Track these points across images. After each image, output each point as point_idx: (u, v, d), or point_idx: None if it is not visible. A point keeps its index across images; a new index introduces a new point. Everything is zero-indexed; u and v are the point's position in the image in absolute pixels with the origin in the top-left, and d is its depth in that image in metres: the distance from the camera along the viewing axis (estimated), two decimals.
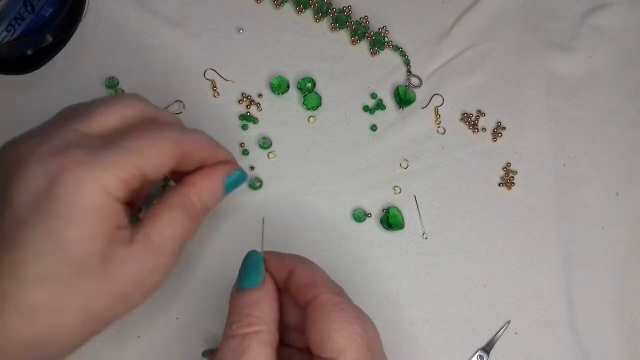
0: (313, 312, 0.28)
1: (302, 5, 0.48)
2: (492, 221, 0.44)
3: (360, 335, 0.28)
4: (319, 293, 0.29)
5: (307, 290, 0.29)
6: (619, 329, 0.43)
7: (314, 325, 0.28)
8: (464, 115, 0.47)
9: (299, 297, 0.30)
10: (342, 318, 0.28)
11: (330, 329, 0.28)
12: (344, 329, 0.28)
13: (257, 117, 0.45)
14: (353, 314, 0.29)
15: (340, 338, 0.27)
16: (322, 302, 0.29)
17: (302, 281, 0.30)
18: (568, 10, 0.51)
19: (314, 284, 0.30)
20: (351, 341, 0.27)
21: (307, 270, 0.31)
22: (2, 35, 0.42)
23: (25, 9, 0.42)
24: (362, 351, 0.27)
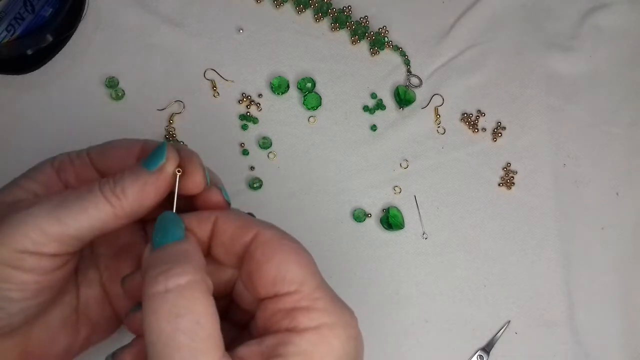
0: (258, 251, 0.26)
1: (302, 5, 0.48)
2: (492, 221, 0.44)
3: (314, 264, 0.27)
4: (258, 231, 0.27)
5: (241, 233, 0.27)
6: (619, 329, 0.43)
7: (263, 263, 0.26)
8: (464, 115, 0.47)
9: (232, 246, 0.27)
10: (292, 249, 0.26)
11: (285, 261, 0.26)
12: (299, 260, 0.26)
13: (257, 117, 0.45)
14: (299, 245, 0.27)
15: (298, 269, 0.26)
16: (266, 238, 0.26)
17: (232, 228, 0.27)
18: (568, 10, 0.51)
19: (247, 226, 0.27)
20: (309, 270, 0.26)
21: (232, 215, 0.28)
22: (2, 35, 0.42)
23: (25, 9, 0.42)
24: (320, 278, 0.27)
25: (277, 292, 0.25)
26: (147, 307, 0.23)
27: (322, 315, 0.25)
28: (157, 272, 0.24)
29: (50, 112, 0.43)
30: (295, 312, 0.25)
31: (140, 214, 0.27)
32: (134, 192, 0.26)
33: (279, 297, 0.25)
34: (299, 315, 0.25)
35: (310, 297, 0.25)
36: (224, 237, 0.27)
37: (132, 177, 0.27)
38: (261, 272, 0.26)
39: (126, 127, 0.43)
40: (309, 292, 0.25)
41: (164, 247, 0.25)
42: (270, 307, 0.26)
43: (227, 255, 0.28)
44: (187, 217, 0.27)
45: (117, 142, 0.31)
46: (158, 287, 0.23)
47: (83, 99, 0.44)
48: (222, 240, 0.27)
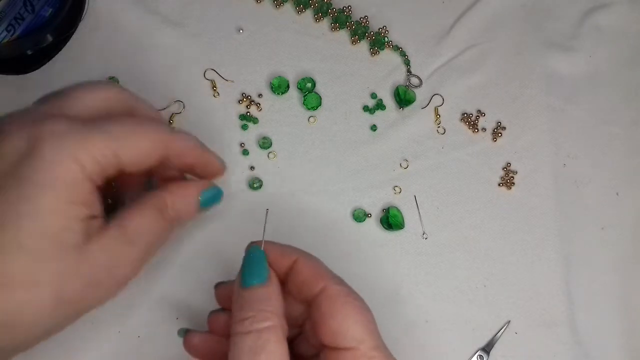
0: (324, 304, 0.29)
1: (302, 5, 0.48)
2: (492, 221, 0.44)
3: (374, 322, 0.29)
4: (327, 285, 0.29)
5: (313, 282, 0.29)
6: (619, 329, 0.43)
7: (327, 317, 0.28)
8: (464, 115, 0.47)
9: (303, 289, 0.30)
10: (356, 308, 0.29)
11: (348, 319, 0.28)
12: (361, 320, 0.28)
13: (257, 117, 0.45)
14: (363, 303, 0.29)
15: (359, 327, 0.28)
16: (333, 293, 0.29)
17: (306, 273, 0.30)
18: (568, 10, 0.51)
19: (319, 275, 0.30)
20: (368, 330, 0.28)
21: (310, 262, 0.31)
22: (2, 35, 0.42)
23: (25, 9, 0.42)
24: (378, 338, 0.29)
25: (337, 345, 0.28)
26: (233, 341, 0.28)
27: None
28: (244, 317, 0.28)
29: None
30: None
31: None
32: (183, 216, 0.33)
33: (340, 350, 0.28)
34: None
35: (367, 355, 0.28)
36: (298, 278, 0.30)
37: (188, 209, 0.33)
38: (325, 324, 0.28)
39: None
40: (366, 350, 0.28)
41: (251, 289, 0.29)
42: (331, 357, 0.28)
43: (299, 294, 0.30)
44: (273, 249, 0.31)
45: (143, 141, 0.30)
46: (243, 329, 0.27)
47: None
48: (295, 280, 0.30)
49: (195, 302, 0.40)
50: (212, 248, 0.41)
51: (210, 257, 0.41)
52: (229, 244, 0.41)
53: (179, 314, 0.39)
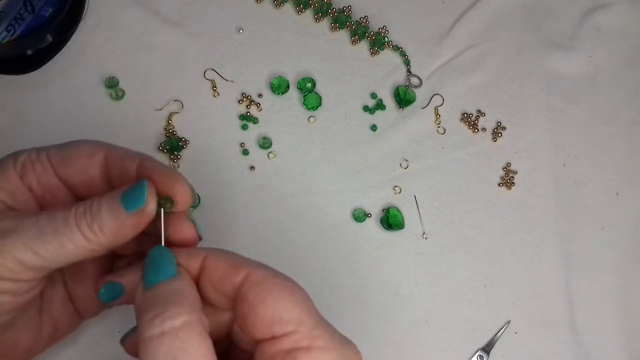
0: (251, 292, 0.25)
1: (302, 5, 0.48)
2: (492, 221, 0.44)
3: (309, 300, 0.26)
4: (249, 272, 0.26)
5: (231, 274, 0.26)
6: (619, 329, 0.43)
7: (257, 305, 0.25)
8: (464, 115, 0.47)
9: (223, 285, 0.26)
10: (287, 288, 0.26)
11: (281, 301, 0.25)
12: (294, 299, 0.25)
13: (257, 117, 0.45)
14: (293, 282, 0.26)
15: (294, 308, 0.25)
16: (258, 278, 0.25)
17: (222, 267, 0.26)
18: (568, 10, 0.51)
19: (236, 265, 0.26)
20: (305, 308, 0.25)
21: (222, 255, 0.27)
22: (2, 35, 0.42)
23: (25, 9, 0.42)
24: (317, 315, 0.26)
25: (274, 333, 0.25)
26: (143, 350, 0.23)
27: (323, 354, 0.24)
28: (151, 316, 0.23)
29: (50, 112, 0.43)
30: (295, 353, 0.24)
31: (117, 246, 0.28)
32: (112, 230, 0.27)
33: (277, 338, 0.25)
34: (300, 356, 0.24)
35: (309, 335, 0.25)
36: (214, 276, 0.26)
37: (109, 216, 0.27)
38: (256, 314, 0.25)
39: (126, 127, 0.43)
40: (307, 330, 0.25)
41: (157, 286, 0.25)
42: (268, 350, 0.25)
43: (217, 295, 0.27)
44: (176, 252, 0.27)
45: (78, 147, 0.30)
46: (153, 330, 0.23)
47: (83, 99, 0.44)
48: (211, 279, 0.27)
49: None
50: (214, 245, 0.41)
51: None
52: (229, 244, 0.41)
53: None
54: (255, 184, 0.43)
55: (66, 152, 0.30)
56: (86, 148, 0.30)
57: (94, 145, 0.30)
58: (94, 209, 0.27)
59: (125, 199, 0.27)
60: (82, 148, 0.30)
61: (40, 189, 0.29)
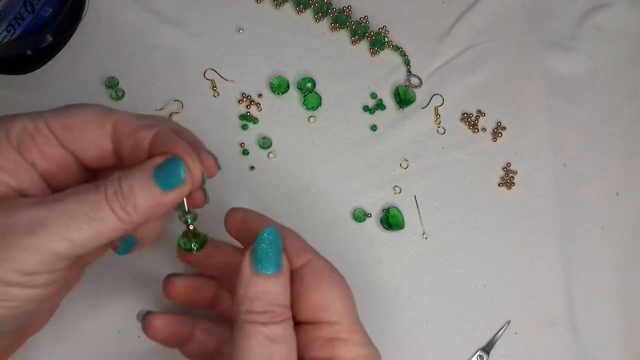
0: (309, 277, 0.28)
1: (302, 5, 0.48)
2: (492, 221, 0.44)
3: (353, 299, 0.29)
4: (313, 258, 0.29)
5: (297, 254, 0.29)
6: (619, 328, 0.43)
7: (311, 290, 0.28)
8: (464, 115, 0.47)
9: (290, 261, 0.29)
10: (339, 284, 0.29)
11: (332, 293, 0.28)
12: (343, 295, 0.28)
13: (257, 117, 0.45)
14: (344, 280, 0.29)
15: (341, 302, 0.28)
16: (318, 267, 0.28)
17: (292, 244, 0.29)
18: (568, 10, 0.51)
19: (303, 249, 0.29)
20: (349, 306, 0.28)
21: (293, 234, 0.30)
22: (2, 35, 0.42)
23: (25, 9, 0.42)
24: (357, 314, 0.29)
25: (318, 318, 0.27)
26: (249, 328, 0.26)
27: (359, 348, 0.27)
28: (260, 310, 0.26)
29: None
30: (335, 342, 0.27)
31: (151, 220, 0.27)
32: (146, 209, 0.26)
33: (319, 324, 0.27)
34: (339, 346, 0.27)
35: (349, 329, 0.27)
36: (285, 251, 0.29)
37: (144, 195, 0.25)
38: (308, 296, 0.28)
39: None
40: (347, 325, 0.28)
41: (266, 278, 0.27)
42: (310, 333, 0.28)
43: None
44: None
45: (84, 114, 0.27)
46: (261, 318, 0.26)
47: (83, 99, 0.43)
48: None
49: None
50: None
51: None
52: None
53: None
54: (255, 184, 0.43)
55: (70, 119, 0.27)
56: (93, 115, 0.27)
57: (101, 112, 0.27)
58: (125, 189, 0.25)
59: (160, 177, 0.26)
60: (89, 115, 0.27)
61: (46, 163, 0.27)
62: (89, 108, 0.28)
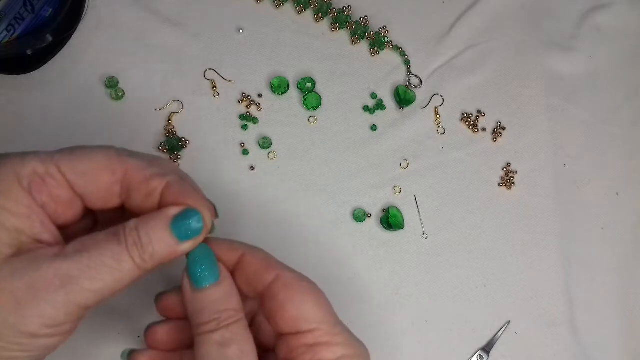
0: (281, 292, 0.28)
1: (302, 5, 0.48)
2: (492, 221, 0.44)
3: (329, 304, 0.29)
4: (280, 273, 0.29)
5: (264, 272, 0.29)
6: (619, 328, 0.43)
7: (286, 303, 0.28)
8: (464, 115, 0.47)
9: (254, 281, 0.29)
10: (312, 292, 0.29)
11: (306, 302, 0.28)
12: (318, 302, 0.29)
13: (257, 117, 0.45)
14: (316, 287, 0.29)
15: (318, 309, 0.28)
16: (288, 280, 0.29)
17: (256, 264, 0.29)
18: (568, 10, 0.51)
19: (269, 265, 0.29)
20: (327, 310, 0.29)
21: (258, 253, 0.30)
22: (2, 35, 0.42)
23: (25, 9, 0.42)
24: (336, 317, 0.29)
25: (298, 329, 0.28)
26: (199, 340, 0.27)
27: (342, 348, 0.28)
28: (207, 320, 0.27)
29: (50, 112, 0.43)
30: (317, 347, 0.28)
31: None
32: (162, 258, 0.27)
33: (301, 333, 0.28)
34: (321, 350, 0.28)
35: (330, 333, 0.28)
36: (248, 271, 0.29)
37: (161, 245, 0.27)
38: (283, 311, 0.28)
39: (126, 127, 0.43)
40: (328, 329, 0.28)
41: (206, 290, 0.28)
42: (292, 343, 0.28)
43: (248, 287, 0.30)
44: (218, 245, 0.30)
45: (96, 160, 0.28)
46: (209, 327, 0.27)
47: (83, 99, 0.44)
48: (245, 273, 0.29)
49: None
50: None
51: None
52: None
53: None
54: (255, 184, 0.43)
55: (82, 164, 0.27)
56: (105, 161, 0.28)
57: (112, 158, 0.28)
58: (143, 240, 0.27)
59: (177, 229, 0.27)
60: (101, 161, 0.28)
61: (54, 205, 0.27)
62: (100, 152, 0.28)
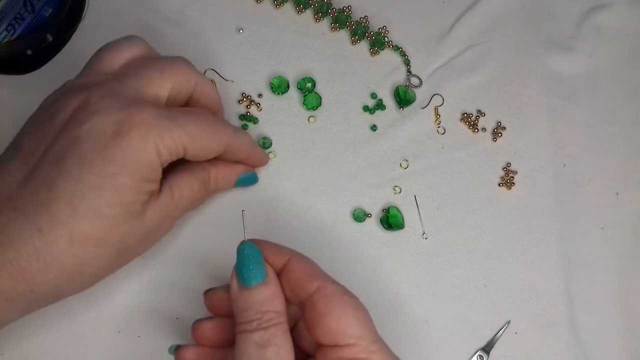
0: (321, 302, 0.29)
1: (302, 5, 0.48)
2: (492, 221, 0.44)
3: (370, 319, 0.29)
4: (323, 284, 0.29)
5: (307, 282, 0.29)
6: (619, 329, 0.43)
7: (325, 315, 0.28)
8: (464, 115, 0.47)
9: (297, 289, 0.30)
10: (352, 305, 0.29)
11: (346, 316, 0.28)
12: (358, 316, 0.29)
13: (257, 117, 0.45)
14: (358, 301, 0.30)
15: (357, 324, 0.28)
16: (329, 292, 0.29)
17: (300, 272, 0.30)
18: (568, 10, 0.51)
19: (313, 275, 0.30)
20: (366, 326, 0.29)
21: (303, 260, 0.31)
22: (2, 35, 0.42)
23: (25, 9, 0.42)
24: (376, 333, 0.29)
25: (337, 343, 0.28)
26: (239, 338, 0.28)
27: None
28: (249, 319, 0.28)
29: None
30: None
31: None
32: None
33: (339, 347, 0.28)
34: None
35: (367, 349, 0.28)
36: (292, 277, 0.30)
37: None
38: (323, 323, 0.28)
39: None
40: (366, 345, 0.28)
41: (252, 290, 0.29)
42: (330, 354, 0.28)
43: (291, 293, 0.30)
44: (266, 247, 0.31)
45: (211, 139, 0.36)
46: (250, 327, 0.28)
47: None
48: (289, 279, 0.30)
49: (195, 301, 0.40)
50: (212, 248, 0.41)
51: (210, 257, 0.41)
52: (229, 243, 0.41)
53: (178, 314, 0.39)
54: (256, 184, 0.43)
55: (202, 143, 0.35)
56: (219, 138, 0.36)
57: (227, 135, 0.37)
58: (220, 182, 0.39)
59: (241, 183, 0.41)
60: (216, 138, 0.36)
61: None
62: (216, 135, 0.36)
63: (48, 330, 0.38)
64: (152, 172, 0.32)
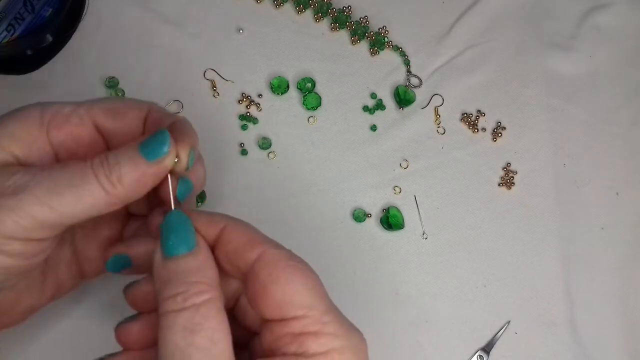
0: (264, 271, 0.25)
1: (302, 5, 0.48)
2: (492, 221, 0.44)
3: (322, 285, 0.26)
4: (265, 250, 0.25)
5: (247, 250, 0.25)
6: (619, 329, 0.43)
7: (269, 285, 0.24)
8: (464, 115, 0.47)
9: (236, 259, 0.26)
10: (300, 271, 0.25)
11: (293, 284, 0.25)
12: (307, 283, 0.25)
13: (257, 117, 0.45)
14: (307, 266, 0.26)
15: (306, 292, 0.25)
16: (273, 258, 0.25)
17: (238, 240, 0.26)
18: (568, 10, 0.51)
19: (253, 241, 0.26)
20: (317, 294, 0.25)
21: (240, 227, 0.27)
22: (2, 35, 0.42)
23: (25, 9, 0.42)
24: (329, 301, 0.26)
25: (283, 315, 0.24)
26: (163, 322, 0.24)
27: (332, 340, 0.24)
28: (174, 293, 0.24)
29: None
30: (304, 337, 0.24)
31: (134, 199, 0.27)
32: (131, 181, 0.26)
33: (286, 320, 0.24)
34: (308, 341, 0.24)
35: (319, 321, 0.24)
36: (229, 247, 0.26)
37: (129, 166, 0.26)
38: (267, 294, 0.25)
39: None
40: (317, 316, 0.24)
41: (178, 259, 0.25)
42: (277, 330, 0.25)
43: (230, 266, 0.26)
44: (196, 217, 0.27)
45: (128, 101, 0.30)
46: (175, 306, 0.23)
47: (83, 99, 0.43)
48: (225, 250, 0.26)
49: None
50: None
51: None
52: None
53: None
54: (255, 184, 0.43)
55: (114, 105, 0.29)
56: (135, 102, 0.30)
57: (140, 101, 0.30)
58: (111, 159, 0.26)
59: (146, 148, 0.26)
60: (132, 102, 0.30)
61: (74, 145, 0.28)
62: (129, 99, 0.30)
63: (44, 329, 0.38)
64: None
